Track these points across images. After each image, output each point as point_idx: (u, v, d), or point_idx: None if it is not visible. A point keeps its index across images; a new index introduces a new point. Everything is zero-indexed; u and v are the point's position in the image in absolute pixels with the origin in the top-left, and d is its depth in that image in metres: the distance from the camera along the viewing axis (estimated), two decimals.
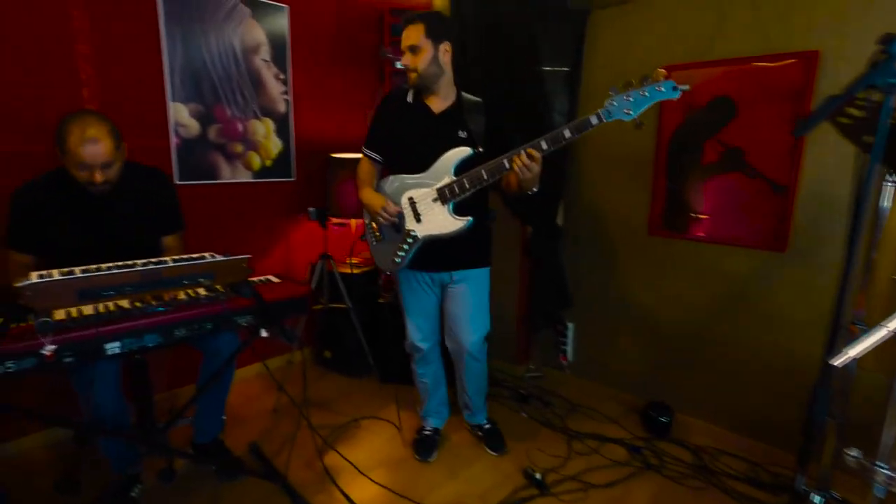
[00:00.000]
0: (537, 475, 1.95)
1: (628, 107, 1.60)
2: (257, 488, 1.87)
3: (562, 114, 2.46)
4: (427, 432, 2.19)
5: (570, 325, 2.73)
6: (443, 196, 1.77)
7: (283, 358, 2.90)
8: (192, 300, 1.41)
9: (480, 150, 1.79)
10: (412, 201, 1.82)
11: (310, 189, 2.91)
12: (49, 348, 1.13)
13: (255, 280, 1.71)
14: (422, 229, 1.83)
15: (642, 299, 2.44)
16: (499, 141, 1.81)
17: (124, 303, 1.37)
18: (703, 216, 2.20)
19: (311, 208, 2.67)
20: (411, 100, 1.90)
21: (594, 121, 1.60)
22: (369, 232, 1.99)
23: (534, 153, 1.62)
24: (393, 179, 1.89)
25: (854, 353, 1.00)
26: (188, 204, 1.96)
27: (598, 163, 2.52)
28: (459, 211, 1.80)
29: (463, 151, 1.77)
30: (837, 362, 1.02)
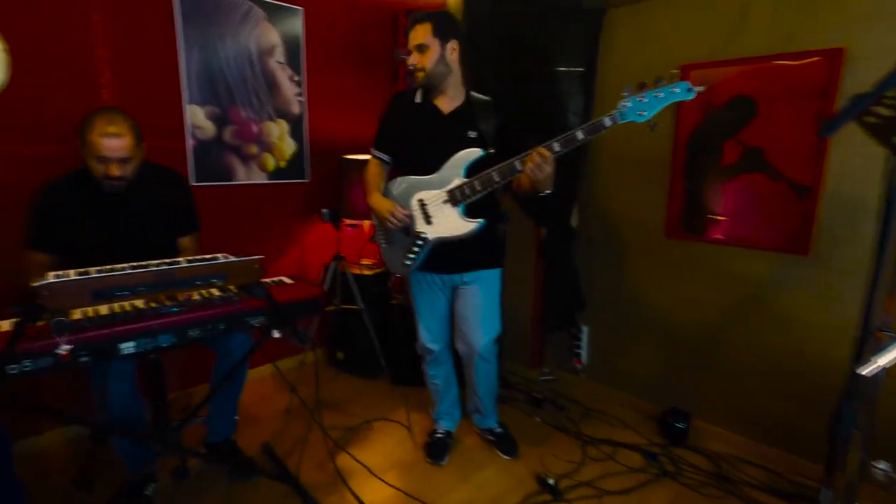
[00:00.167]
0: (550, 481, 1.92)
1: (642, 108, 1.58)
2: (269, 489, 1.87)
3: (576, 114, 2.43)
4: (439, 435, 2.18)
5: (584, 329, 2.69)
6: (454, 198, 1.76)
7: (296, 359, 2.92)
8: (205, 301, 1.42)
9: (491, 151, 1.77)
10: (422, 203, 1.81)
11: (323, 190, 2.92)
12: (64, 348, 1.14)
13: (267, 281, 1.71)
14: (432, 231, 1.81)
15: (659, 302, 2.40)
16: (510, 142, 1.79)
17: (139, 303, 1.38)
18: (721, 218, 2.15)
19: (324, 209, 2.68)
20: (420, 100, 1.88)
21: (607, 122, 1.58)
22: (379, 235, 1.99)
23: (545, 153, 1.59)
24: (402, 181, 1.88)
25: (883, 361, 0.96)
26: (203, 205, 1.98)
27: (613, 163, 2.48)
28: (470, 212, 1.78)
29: (473, 153, 1.75)
30: (865, 371, 0.98)
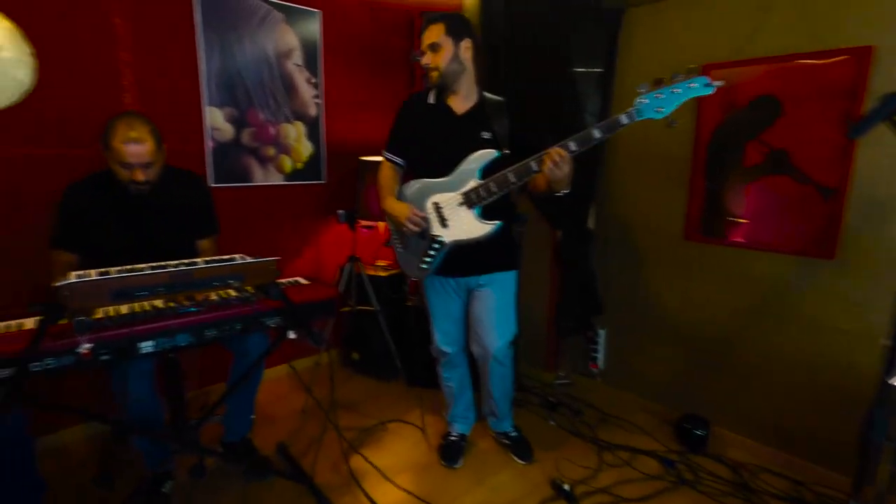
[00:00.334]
0: (566, 486, 1.89)
1: (659, 104, 1.54)
2: (284, 489, 1.89)
3: (594, 115, 2.40)
4: (453, 438, 2.17)
5: (601, 332, 2.65)
6: (469, 200, 1.74)
7: (312, 359, 2.93)
8: (222, 301, 1.44)
9: (506, 151, 1.75)
10: (437, 206, 1.80)
11: (339, 191, 2.94)
12: (85, 346, 1.16)
13: (283, 282, 1.72)
14: (449, 234, 1.80)
15: (678, 306, 2.35)
16: (525, 142, 1.77)
17: (158, 303, 1.40)
18: (743, 220, 2.10)
19: (340, 210, 2.69)
20: (433, 101, 1.87)
21: (624, 120, 1.55)
22: (395, 239, 1.98)
23: (562, 153, 1.56)
24: (416, 184, 1.87)
25: None
26: (222, 206, 2.00)
27: (631, 164, 2.45)
28: (486, 214, 1.76)
29: (488, 154, 1.74)
30: None
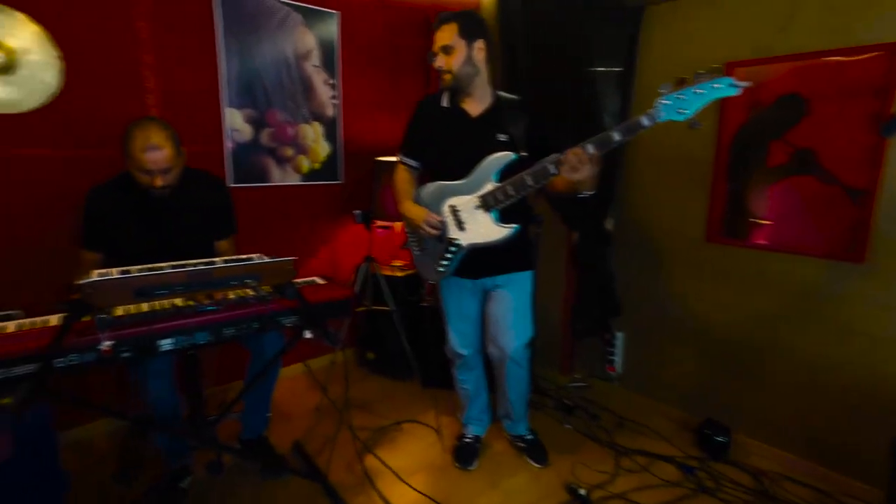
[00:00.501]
0: (581, 491, 1.87)
1: (682, 106, 1.50)
2: (299, 487, 1.90)
3: (613, 115, 2.37)
4: (468, 440, 2.16)
5: (618, 335, 2.61)
6: (486, 203, 1.73)
7: (327, 358, 2.95)
8: (240, 300, 1.45)
9: (523, 154, 1.73)
10: (454, 209, 1.79)
11: (356, 192, 2.95)
12: (106, 344, 1.18)
13: (300, 281, 1.73)
14: (465, 238, 1.79)
15: (699, 309, 2.30)
16: (543, 144, 1.74)
17: (178, 301, 1.43)
18: (766, 222, 2.05)
19: (356, 211, 2.70)
20: (447, 104, 1.85)
21: (645, 122, 1.51)
22: (412, 242, 1.97)
23: (580, 153, 1.52)
24: (432, 186, 1.86)
25: None
26: (240, 206, 2.02)
27: (650, 164, 2.40)
28: (503, 217, 1.75)
29: (505, 157, 1.72)
30: None
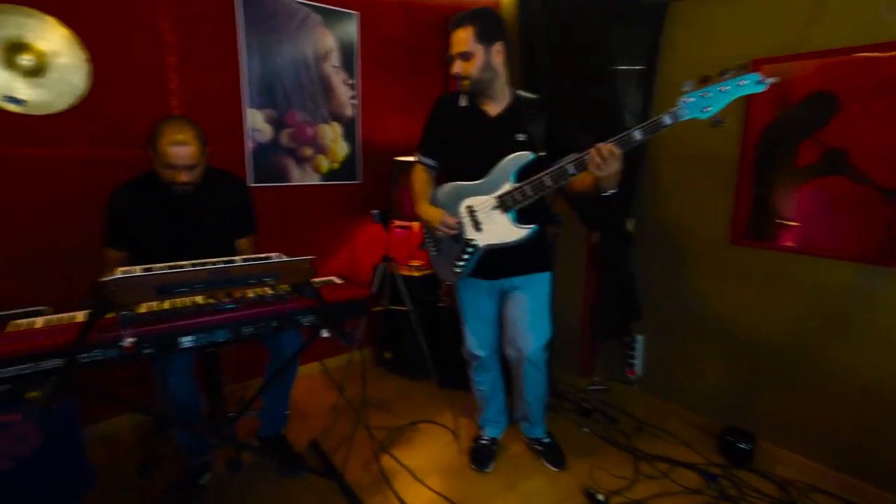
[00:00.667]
0: (600, 496, 1.84)
1: (706, 104, 1.46)
2: (316, 485, 1.91)
3: (634, 115, 2.33)
4: (484, 441, 2.14)
5: (639, 338, 2.57)
6: (504, 204, 1.71)
7: (344, 357, 2.97)
8: (259, 299, 1.47)
9: (542, 154, 1.71)
10: (471, 210, 1.77)
11: (374, 191, 2.96)
12: (129, 340, 1.20)
13: (318, 280, 1.75)
14: (482, 238, 1.77)
15: (723, 313, 2.25)
16: (562, 144, 1.72)
17: (199, 299, 1.45)
18: (793, 223, 1.99)
19: (374, 210, 2.71)
20: (465, 103, 1.83)
21: (667, 121, 1.48)
22: (429, 242, 1.96)
23: (611, 148, 1.48)
24: (449, 187, 1.85)
25: None
26: (259, 205, 2.04)
27: (673, 163, 2.35)
28: (521, 217, 1.73)
29: (523, 156, 1.70)
30: None
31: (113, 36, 2.06)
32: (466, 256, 1.81)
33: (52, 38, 1.91)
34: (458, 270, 1.85)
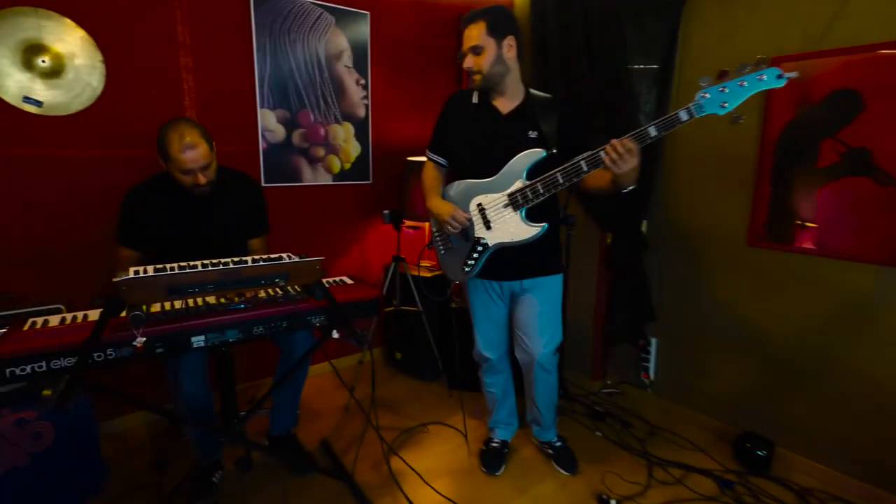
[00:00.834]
0: (612, 502, 1.81)
1: (724, 99, 1.43)
2: (325, 485, 1.91)
3: (648, 115, 2.29)
4: (495, 444, 2.12)
5: (653, 341, 2.53)
6: (515, 202, 1.69)
7: (355, 357, 2.97)
8: (270, 299, 1.47)
9: (554, 151, 1.68)
10: (481, 208, 1.75)
11: (386, 191, 2.96)
12: (139, 340, 1.21)
13: (329, 280, 1.75)
14: (492, 237, 1.75)
15: (740, 316, 2.20)
16: (575, 142, 1.70)
17: (211, 299, 1.45)
18: (815, 225, 1.93)
19: (385, 211, 2.71)
20: (477, 101, 1.81)
21: (684, 116, 1.45)
22: (437, 240, 1.94)
23: (627, 143, 1.46)
24: (459, 184, 1.83)
25: None
26: (271, 205, 2.05)
27: (689, 163, 2.31)
28: (532, 216, 1.70)
29: (535, 154, 1.67)
30: None
31: (128, 37, 2.08)
32: (476, 255, 1.79)
33: (68, 40, 1.94)
34: (467, 269, 1.83)
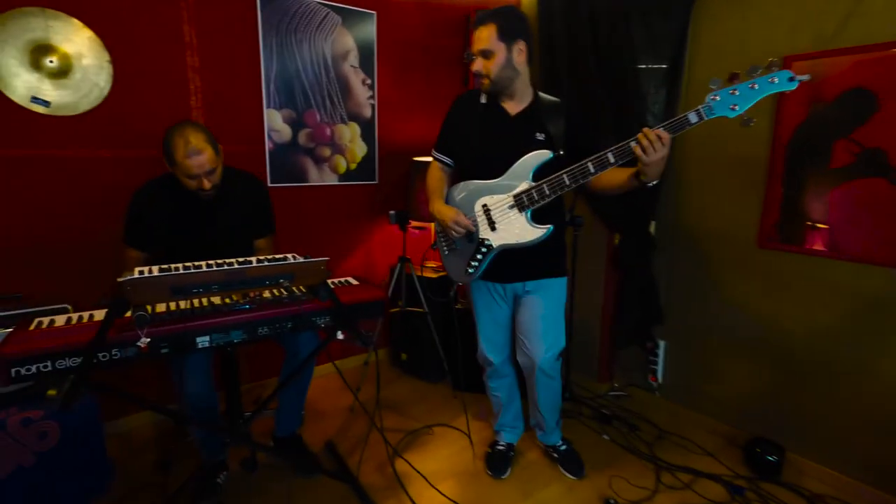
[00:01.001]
0: None
1: (734, 101, 1.41)
2: (330, 486, 1.90)
3: (657, 115, 2.26)
4: (500, 447, 2.11)
5: (661, 343, 2.50)
6: (520, 203, 1.67)
7: (360, 358, 2.96)
8: (274, 299, 1.46)
9: (560, 153, 1.66)
10: (486, 208, 1.73)
11: (391, 192, 2.95)
12: (143, 341, 1.20)
13: (334, 281, 1.74)
14: (497, 238, 1.73)
15: (749, 319, 2.16)
16: (582, 143, 1.67)
17: (216, 299, 1.45)
18: (828, 227, 1.90)
19: (391, 211, 2.70)
20: (485, 102, 1.79)
21: (693, 119, 1.43)
22: (441, 241, 1.92)
23: (659, 133, 1.42)
24: (465, 185, 1.81)
25: None
26: (277, 205, 2.05)
27: (699, 163, 2.28)
28: (536, 217, 1.69)
29: (542, 155, 1.65)
30: None
31: (135, 37, 2.08)
32: (480, 256, 1.77)
33: (76, 40, 1.95)
34: (471, 271, 1.81)
